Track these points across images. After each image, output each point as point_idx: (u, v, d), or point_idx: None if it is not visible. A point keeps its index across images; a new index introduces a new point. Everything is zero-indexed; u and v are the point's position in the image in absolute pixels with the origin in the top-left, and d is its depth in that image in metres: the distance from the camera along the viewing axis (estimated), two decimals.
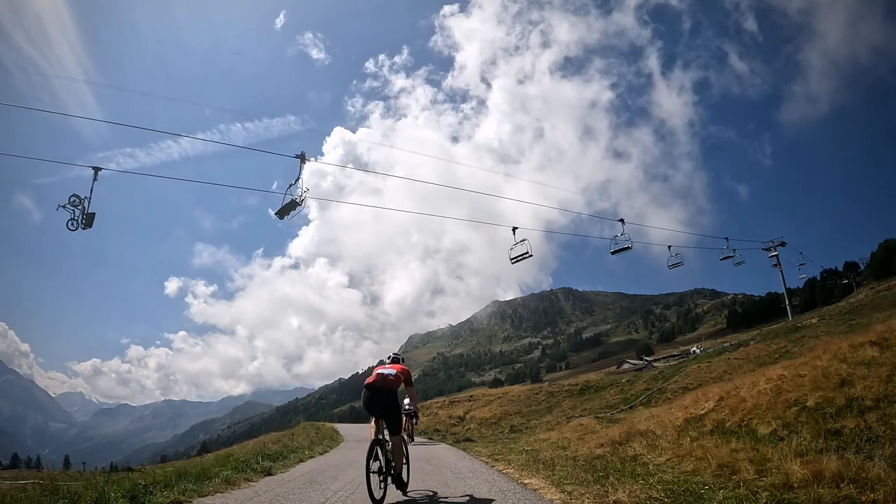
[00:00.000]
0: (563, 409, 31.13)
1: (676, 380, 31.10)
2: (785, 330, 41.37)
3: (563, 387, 35.84)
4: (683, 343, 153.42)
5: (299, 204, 16.80)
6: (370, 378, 8.34)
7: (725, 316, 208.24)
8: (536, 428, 25.00)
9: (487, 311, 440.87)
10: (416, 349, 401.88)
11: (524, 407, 33.25)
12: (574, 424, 16.29)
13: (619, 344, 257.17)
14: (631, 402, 29.12)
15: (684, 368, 34.11)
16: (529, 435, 17.58)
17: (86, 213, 16.32)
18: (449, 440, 22.92)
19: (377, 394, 8.16)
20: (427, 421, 33.76)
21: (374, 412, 8.12)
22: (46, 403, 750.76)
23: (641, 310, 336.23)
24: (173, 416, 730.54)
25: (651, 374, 35.76)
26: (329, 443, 18.97)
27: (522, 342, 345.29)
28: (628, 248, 25.00)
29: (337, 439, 21.04)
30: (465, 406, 37.67)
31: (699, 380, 28.81)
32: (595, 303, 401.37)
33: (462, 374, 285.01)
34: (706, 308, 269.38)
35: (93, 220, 16.66)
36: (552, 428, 18.54)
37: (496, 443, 17.06)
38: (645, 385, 31.60)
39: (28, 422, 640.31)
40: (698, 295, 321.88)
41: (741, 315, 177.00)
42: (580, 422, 16.59)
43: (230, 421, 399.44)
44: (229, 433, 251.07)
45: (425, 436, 26.41)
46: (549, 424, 25.98)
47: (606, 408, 28.70)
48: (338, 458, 13.72)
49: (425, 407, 39.55)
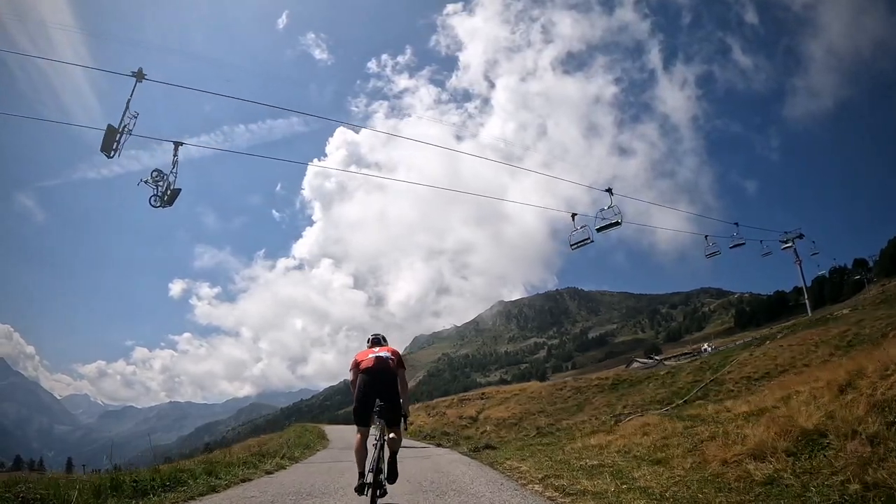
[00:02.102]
0: (595, 406, 27.14)
1: (730, 370, 27.34)
2: (815, 321, 39.57)
3: (592, 381, 31.52)
4: (691, 342, 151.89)
5: (121, 132, 15.10)
6: (366, 362, 7.15)
7: (733, 315, 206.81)
8: (571, 430, 19.88)
9: (493, 311, 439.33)
10: (422, 350, 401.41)
11: (547, 405, 28.93)
12: (637, 424, 12.34)
13: (626, 344, 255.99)
14: (683, 395, 24.85)
15: (731, 359, 30.19)
16: (569, 439, 13.97)
17: (171, 189, 16.06)
18: (463, 446, 17.92)
19: (380, 378, 6.98)
20: (433, 422, 29.93)
21: (371, 412, 6.70)
22: (52, 405, 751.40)
23: (647, 309, 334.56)
24: (178, 417, 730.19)
25: (693, 366, 31.96)
26: (299, 453, 15.03)
27: (528, 342, 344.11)
28: (617, 223, 22.11)
29: (313, 447, 17.51)
30: (476, 405, 33.15)
31: (763, 368, 25.49)
32: (601, 302, 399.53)
33: (467, 375, 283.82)
34: (713, 307, 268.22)
35: (176, 198, 16.36)
36: (597, 430, 15.15)
37: (529, 451, 12.55)
38: (691, 377, 27.87)
39: (34, 424, 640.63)
40: (704, 294, 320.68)
41: (749, 314, 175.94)
42: (645, 421, 12.69)
43: (235, 423, 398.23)
44: (234, 435, 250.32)
45: (430, 440, 22.06)
46: (588, 425, 21.36)
47: (653, 404, 24.64)
48: (298, 478, 9.68)
49: (430, 406, 35.86)
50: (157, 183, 16.22)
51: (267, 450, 14.43)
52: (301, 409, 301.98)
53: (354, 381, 7.13)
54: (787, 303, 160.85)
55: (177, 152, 15.66)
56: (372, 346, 7.74)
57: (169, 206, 16.62)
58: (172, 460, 14.43)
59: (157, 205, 16.35)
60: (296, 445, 16.94)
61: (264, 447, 14.53)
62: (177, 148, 15.63)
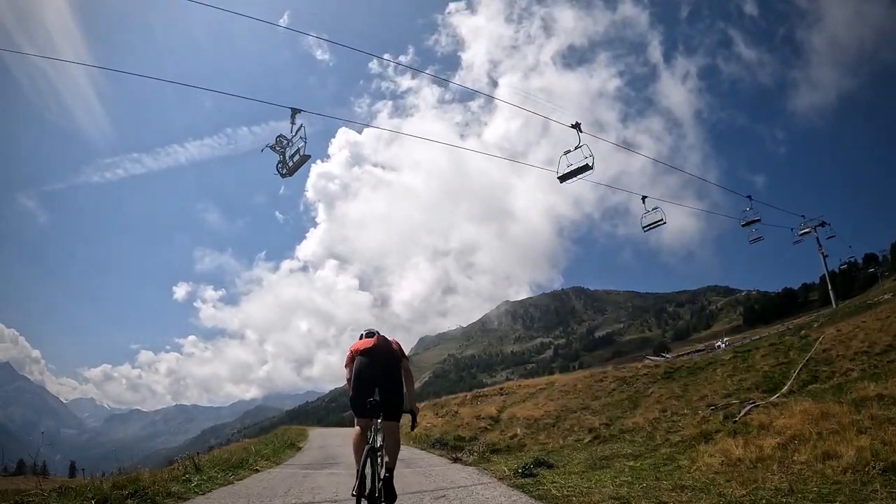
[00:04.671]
0: (655, 399, 20.01)
1: (829, 346, 20.98)
2: (862, 307, 37.25)
3: (638, 370, 25.30)
4: (699, 340, 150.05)
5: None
6: (366, 343, 5.95)
7: (741, 313, 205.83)
8: (651, 432, 14.67)
9: (499, 311, 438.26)
10: (427, 350, 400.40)
11: (589, 400, 22.57)
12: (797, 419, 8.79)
13: (633, 343, 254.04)
14: (775, 380, 17.93)
15: (810, 336, 24.45)
16: (668, 448, 10.67)
17: (301, 154, 15.06)
18: (497, 463, 11.56)
19: (382, 362, 5.82)
20: (444, 424, 24.24)
21: (370, 404, 5.56)
22: (58, 409, 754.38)
23: (654, 308, 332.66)
24: (184, 420, 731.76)
25: (767, 344, 25.00)
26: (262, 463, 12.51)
27: (534, 342, 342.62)
28: (587, 168, 18.96)
29: (279, 457, 14.41)
30: (496, 402, 26.92)
31: (882, 342, 19.62)
32: (607, 302, 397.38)
33: (473, 376, 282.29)
34: (720, 305, 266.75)
35: (302, 165, 15.33)
36: (703, 431, 10.93)
37: (617, 471, 8.86)
38: (771, 359, 21.06)
39: (40, 428, 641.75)
40: (711, 292, 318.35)
41: (758, 311, 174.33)
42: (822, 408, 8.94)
43: (241, 425, 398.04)
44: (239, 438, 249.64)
45: (442, 450, 16.33)
46: (667, 423, 15.70)
47: (740, 392, 17.73)
48: None
49: (439, 405, 30.64)
50: (284, 149, 15.25)
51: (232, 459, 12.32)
52: (307, 410, 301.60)
53: (351, 374, 5.94)
54: (797, 299, 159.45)
55: (294, 119, 14.81)
56: (367, 337, 6.44)
57: (290, 176, 15.60)
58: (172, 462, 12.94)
59: (283, 173, 15.40)
60: (273, 449, 15.78)
61: (234, 456, 12.49)
62: (294, 115, 14.75)
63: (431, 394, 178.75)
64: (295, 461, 13.88)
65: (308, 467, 12.38)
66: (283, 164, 15.31)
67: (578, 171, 17.48)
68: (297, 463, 13.57)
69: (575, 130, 16.88)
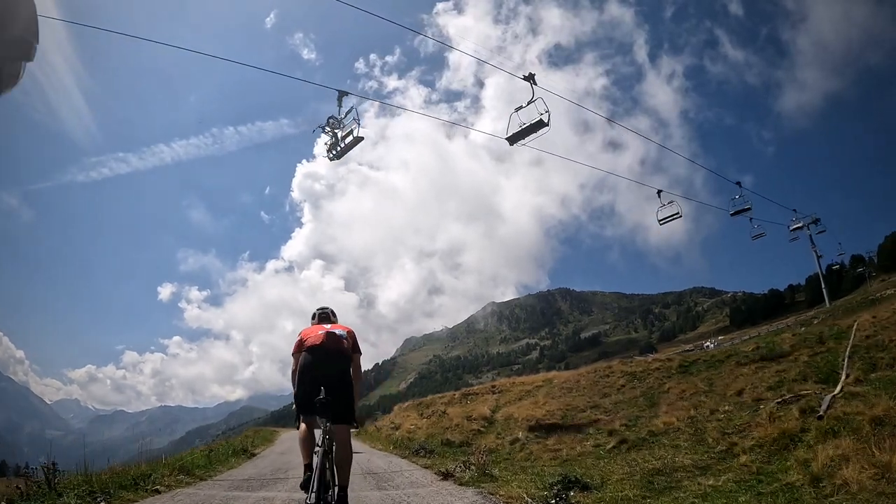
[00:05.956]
0: (678, 395, 16.89)
1: (871, 333, 17.54)
2: (866, 302, 36.86)
3: (649, 364, 22.27)
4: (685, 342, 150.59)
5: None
6: (312, 339, 5.47)
7: (727, 314, 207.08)
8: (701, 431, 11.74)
9: (485, 312, 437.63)
10: (413, 351, 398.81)
11: (598, 397, 19.60)
12: None
13: (619, 343, 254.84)
14: (821, 374, 14.23)
15: (836, 325, 21.46)
16: (760, 459, 8.12)
17: (354, 136, 14.64)
18: (509, 484, 8.22)
19: (330, 360, 5.33)
20: (429, 426, 22.22)
21: (319, 403, 4.95)
22: (42, 411, 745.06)
23: (640, 309, 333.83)
24: (170, 422, 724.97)
25: (791, 335, 21.82)
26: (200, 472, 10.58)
27: (520, 343, 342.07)
28: (541, 125, 19.24)
29: (214, 469, 11.90)
30: (488, 401, 23.73)
31: None
32: (593, 303, 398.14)
33: (459, 377, 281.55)
34: (706, 306, 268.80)
35: (354, 146, 14.93)
36: (790, 433, 8.66)
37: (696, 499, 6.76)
38: (805, 350, 17.52)
39: (25, 429, 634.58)
40: (697, 294, 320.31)
41: (745, 312, 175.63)
42: None
43: (226, 426, 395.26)
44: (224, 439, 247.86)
45: (427, 459, 14.22)
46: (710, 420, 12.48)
47: (779, 386, 14.10)
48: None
49: (424, 404, 27.89)
50: (334, 130, 14.95)
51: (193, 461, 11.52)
52: (292, 412, 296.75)
53: (297, 367, 5.49)
54: (783, 301, 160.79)
55: (341, 102, 14.57)
56: (320, 322, 6.10)
57: (338, 159, 15.40)
58: None
59: (332, 155, 15.19)
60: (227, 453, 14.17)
61: (134, 470, 9.66)
62: (341, 97, 14.55)
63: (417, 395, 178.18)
64: (233, 475, 10.96)
65: (240, 486, 9.06)
66: (335, 146, 15.05)
67: (532, 130, 14.84)
68: (232, 478, 10.38)
69: (528, 83, 14.41)
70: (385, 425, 26.84)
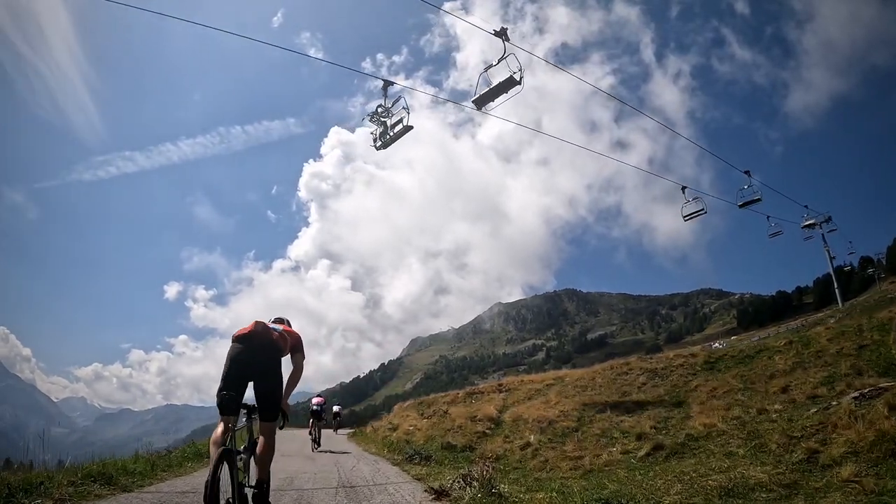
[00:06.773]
0: (709, 393, 15.01)
1: None
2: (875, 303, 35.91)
3: (671, 360, 20.44)
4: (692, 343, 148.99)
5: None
6: (244, 328, 5.14)
7: (734, 315, 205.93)
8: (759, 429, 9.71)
9: (491, 312, 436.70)
10: (419, 351, 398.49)
11: (618, 396, 17.85)
12: None
13: (626, 345, 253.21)
14: (882, 365, 12.73)
15: (874, 318, 19.25)
16: (863, 470, 6.32)
17: (404, 125, 14.25)
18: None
19: (258, 351, 5.00)
20: (429, 426, 20.62)
21: (225, 398, 4.74)
22: (48, 408, 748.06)
23: (647, 311, 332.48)
24: (175, 420, 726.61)
25: (824, 328, 20.27)
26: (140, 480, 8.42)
27: (526, 344, 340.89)
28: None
29: (156, 474, 9.48)
30: (495, 400, 21.97)
31: None
32: (599, 304, 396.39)
33: (465, 377, 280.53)
34: (713, 308, 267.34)
35: (401, 136, 14.51)
36: None
37: None
38: (846, 342, 15.61)
39: (30, 427, 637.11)
40: (704, 295, 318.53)
41: (752, 314, 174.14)
42: None
43: None
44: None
45: (424, 466, 12.43)
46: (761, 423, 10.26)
47: (832, 381, 12.19)
48: None
49: (425, 404, 26.07)
50: (382, 119, 14.51)
51: None
52: (296, 411, 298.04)
53: None
54: (791, 302, 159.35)
55: (386, 91, 14.29)
56: None
57: (384, 149, 14.90)
58: None
59: (379, 144, 14.74)
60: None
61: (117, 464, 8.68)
62: (386, 87, 14.26)
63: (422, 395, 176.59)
64: (173, 485, 8.41)
65: (170, 501, 7.00)
66: (383, 135, 14.61)
67: (502, 89, 12.96)
68: (166, 490, 7.85)
69: (500, 39, 12.63)
70: (383, 425, 25.45)
